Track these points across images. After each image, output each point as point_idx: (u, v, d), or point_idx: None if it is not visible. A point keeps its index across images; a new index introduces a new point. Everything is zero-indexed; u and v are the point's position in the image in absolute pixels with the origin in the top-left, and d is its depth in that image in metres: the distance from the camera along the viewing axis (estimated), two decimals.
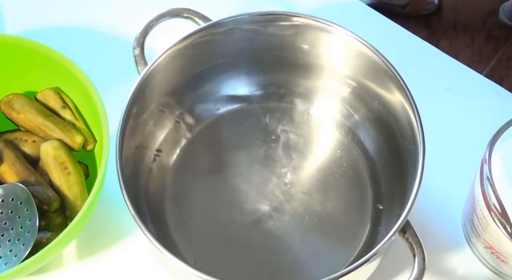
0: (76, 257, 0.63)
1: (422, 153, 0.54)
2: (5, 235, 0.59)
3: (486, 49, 1.49)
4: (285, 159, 0.65)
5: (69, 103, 0.64)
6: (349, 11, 0.77)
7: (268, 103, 0.68)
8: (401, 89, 0.57)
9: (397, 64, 0.58)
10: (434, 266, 0.62)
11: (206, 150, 0.66)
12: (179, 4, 0.62)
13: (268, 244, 0.61)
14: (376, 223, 0.61)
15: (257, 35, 0.63)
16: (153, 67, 0.59)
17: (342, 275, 0.50)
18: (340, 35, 0.60)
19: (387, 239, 0.51)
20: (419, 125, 0.55)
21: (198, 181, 0.64)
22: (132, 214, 0.52)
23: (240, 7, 0.76)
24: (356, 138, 0.65)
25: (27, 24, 0.76)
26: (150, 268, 0.62)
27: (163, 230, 0.61)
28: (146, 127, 0.62)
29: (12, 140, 0.64)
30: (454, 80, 0.72)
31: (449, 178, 0.66)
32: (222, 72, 0.66)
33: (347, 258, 0.60)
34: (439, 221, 0.64)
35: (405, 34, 0.76)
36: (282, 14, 0.62)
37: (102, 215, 0.63)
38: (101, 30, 0.76)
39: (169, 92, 0.63)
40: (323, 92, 0.67)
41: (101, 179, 0.56)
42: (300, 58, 0.65)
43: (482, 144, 0.56)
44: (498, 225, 0.54)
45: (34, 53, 0.63)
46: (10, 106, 0.64)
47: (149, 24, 0.62)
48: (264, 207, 0.63)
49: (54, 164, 0.61)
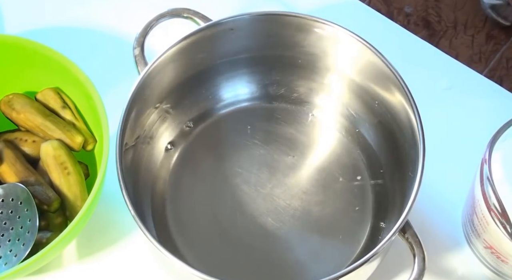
0: (76, 257, 0.63)
1: (422, 153, 0.54)
2: (5, 235, 0.59)
3: (486, 49, 1.49)
4: (286, 159, 0.65)
5: (69, 103, 0.64)
6: (349, 11, 0.77)
7: (269, 103, 0.68)
8: (401, 89, 0.57)
9: (397, 64, 0.58)
10: (434, 266, 0.62)
11: (206, 150, 0.66)
12: (179, 4, 0.62)
13: (268, 244, 0.61)
14: (376, 223, 0.61)
15: (257, 35, 0.63)
16: (153, 67, 0.59)
17: (342, 275, 0.50)
18: (340, 35, 0.60)
19: (387, 239, 0.51)
20: (419, 125, 0.55)
21: (198, 181, 0.64)
22: (132, 214, 0.52)
23: (240, 7, 0.76)
24: (356, 138, 0.65)
25: (27, 24, 0.76)
26: (150, 268, 0.62)
27: (163, 230, 0.61)
28: (146, 127, 0.62)
29: (12, 140, 0.64)
30: (454, 80, 0.72)
31: (449, 178, 0.66)
32: (222, 72, 0.66)
33: (347, 258, 0.60)
34: (439, 221, 0.64)
35: (405, 34, 0.76)
36: (282, 14, 0.62)
37: (102, 215, 0.63)
38: (101, 30, 0.76)
39: (169, 92, 0.63)
40: (323, 92, 0.67)
41: (101, 179, 0.56)
42: (300, 58, 0.65)
43: (482, 144, 0.56)
44: (498, 225, 0.54)
45: (34, 53, 0.63)
46: (10, 106, 0.64)
47: (149, 24, 0.62)
48: (264, 208, 0.63)
49: (54, 164, 0.61)
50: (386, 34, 0.75)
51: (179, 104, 0.65)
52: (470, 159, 0.61)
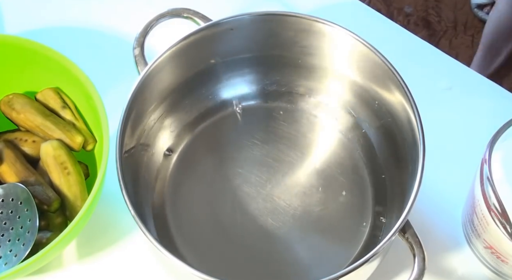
0: (76, 257, 0.63)
1: (422, 153, 0.54)
2: (5, 235, 0.59)
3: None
4: (285, 159, 0.65)
5: (69, 103, 0.64)
6: (349, 11, 0.77)
7: (269, 103, 0.68)
8: (401, 89, 0.57)
9: (397, 64, 0.58)
10: (434, 266, 0.62)
11: (207, 150, 0.66)
12: (179, 4, 0.62)
13: (268, 244, 0.61)
14: (376, 223, 0.61)
15: (257, 35, 0.63)
16: (153, 67, 0.59)
17: (342, 275, 0.50)
18: (340, 35, 0.60)
19: (387, 239, 0.51)
20: (419, 125, 0.55)
21: (198, 181, 0.64)
22: (132, 214, 0.52)
23: (240, 7, 0.76)
24: (356, 138, 0.65)
25: (27, 24, 0.76)
26: (150, 268, 0.62)
27: (163, 230, 0.61)
28: (146, 127, 0.62)
29: (12, 140, 0.64)
30: (454, 80, 0.72)
31: (449, 178, 0.65)
32: (222, 72, 0.66)
33: (347, 258, 0.60)
34: (439, 221, 0.64)
35: (405, 34, 0.76)
36: (282, 14, 0.62)
37: (102, 215, 0.63)
38: (101, 30, 0.76)
39: (169, 92, 0.63)
40: (323, 92, 0.67)
41: (101, 179, 0.56)
42: (300, 58, 0.65)
43: (482, 144, 0.56)
44: (498, 225, 0.54)
45: (34, 53, 0.63)
46: (10, 106, 0.64)
47: (149, 24, 0.62)
48: (264, 208, 0.63)
49: (54, 164, 0.61)
50: (386, 34, 0.75)
51: (179, 104, 0.65)
52: (470, 159, 0.61)
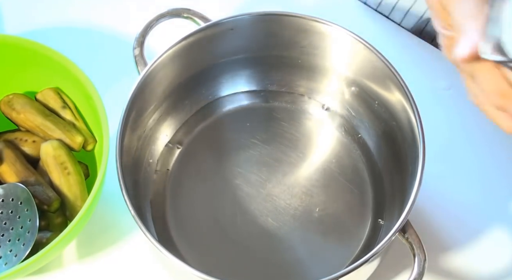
0: (76, 257, 0.63)
1: (422, 153, 0.54)
2: (5, 235, 0.59)
3: None
4: (285, 159, 0.65)
5: (69, 103, 0.64)
6: (349, 11, 0.77)
7: (269, 103, 0.68)
8: (401, 89, 0.57)
9: (397, 64, 0.58)
10: (434, 266, 0.62)
11: (206, 150, 0.66)
12: (179, 4, 0.62)
13: (268, 244, 0.61)
14: (376, 223, 0.61)
15: (257, 35, 0.63)
16: (153, 67, 0.59)
17: (342, 275, 0.50)
18: (340, 35, 0.60)
19: (387, 239, 0.51)
20: (419, 125, 0.55)
21: (198, 181, 0.64)
22: (132, 214, 0.52)
23: (240, 7, 0.76)
24: (356, 138, 0.65)
25: (27, 24, 0.76)
26: (150, 268, 0.62)
27: (163, 230, 0.61)
28: (146, 127, 0.62)
29: (12, 140, 0.64)
30: (454, 80, 0.72)
31: (449, 178, 0.66)
32: (222, 72, 0.66)
33: (347, 258, 0.60)
34: (439, 221, 0.64)
35: (405, 34, 0.76)
36: (282, 14, 0.61)
37: (102, 215, 0.63)
38: (101, 30, 0.76)
39: (169, 92, 0.63)
40: (323, 92, 0.67)
41: (101, 179, 0.56)
42: (300, 58, 0.65)
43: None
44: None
45: (34, 53, 0.63)
46: (10, 106, 0.64)
47: (149, 24, 0.62)
48: (264, 207, 0.63)
49: (54, 164, 0.61)
50: (386, 34, 0.75)
51: (179, 104, 0.65)
52: (470, 159, 0.61)
